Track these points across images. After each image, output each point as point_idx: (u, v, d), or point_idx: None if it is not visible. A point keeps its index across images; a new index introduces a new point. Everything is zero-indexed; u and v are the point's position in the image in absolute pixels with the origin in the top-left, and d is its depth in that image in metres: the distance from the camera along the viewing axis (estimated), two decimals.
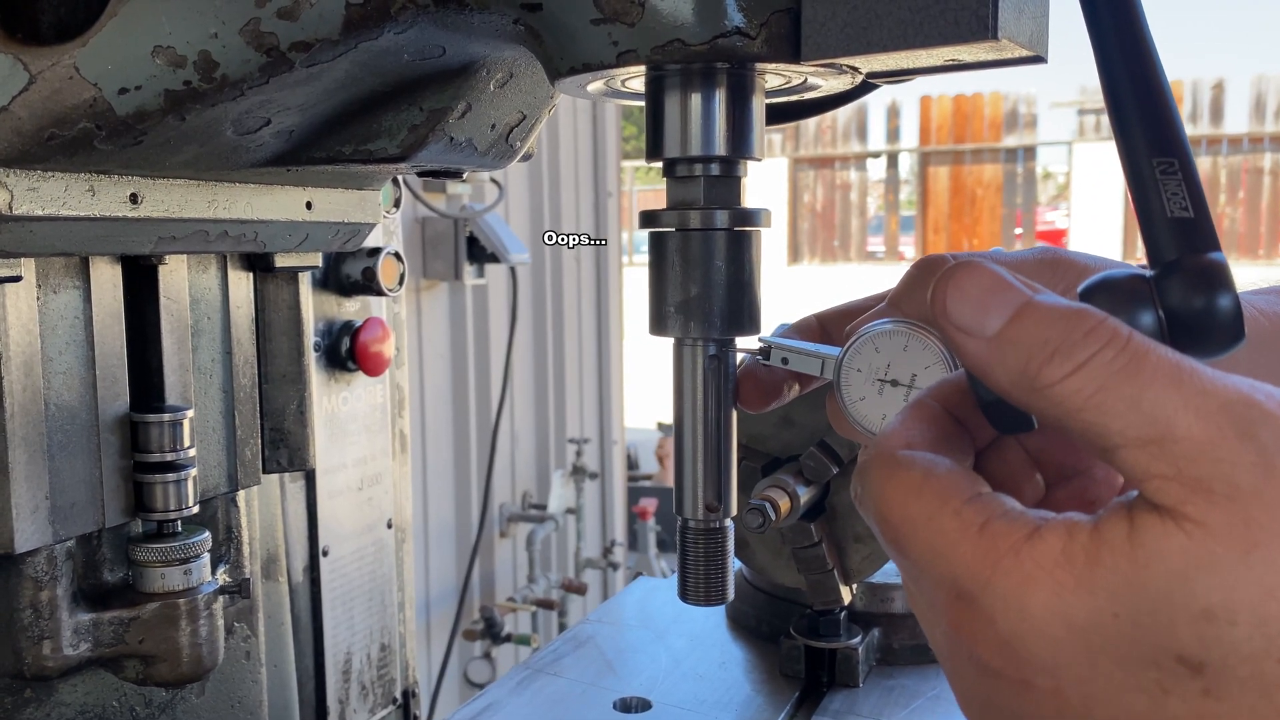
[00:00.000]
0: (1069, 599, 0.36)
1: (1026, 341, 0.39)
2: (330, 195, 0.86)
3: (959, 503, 0.40)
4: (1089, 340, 0.38)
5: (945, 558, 0.39)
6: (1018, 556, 0.37)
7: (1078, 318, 0.38)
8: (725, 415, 0.63)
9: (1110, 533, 0.36)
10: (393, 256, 1.24)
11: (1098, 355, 0.37)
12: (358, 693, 1.29)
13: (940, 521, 0.40)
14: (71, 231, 0.68)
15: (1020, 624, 0.37)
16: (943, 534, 0.39)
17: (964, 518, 0.39)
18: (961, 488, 0.40)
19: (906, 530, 0.41)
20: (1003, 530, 0.38)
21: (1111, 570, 0.36)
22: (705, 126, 0.59)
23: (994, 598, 0.38)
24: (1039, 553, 0.37)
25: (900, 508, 0.41)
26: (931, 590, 0.41)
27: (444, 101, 0.68)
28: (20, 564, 0.74)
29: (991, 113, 19.07)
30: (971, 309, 0.40)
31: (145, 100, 0.59)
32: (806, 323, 0.63)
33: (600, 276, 4.74)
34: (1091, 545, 0.36)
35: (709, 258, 0.60)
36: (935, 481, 0.41)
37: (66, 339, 0.76)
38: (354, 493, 1.28)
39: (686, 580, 0.64)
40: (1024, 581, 0.37)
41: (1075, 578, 0.36)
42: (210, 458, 0.88)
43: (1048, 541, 0.37)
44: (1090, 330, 0.38)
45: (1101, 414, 0.37)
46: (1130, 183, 0.44)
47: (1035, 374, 0.38)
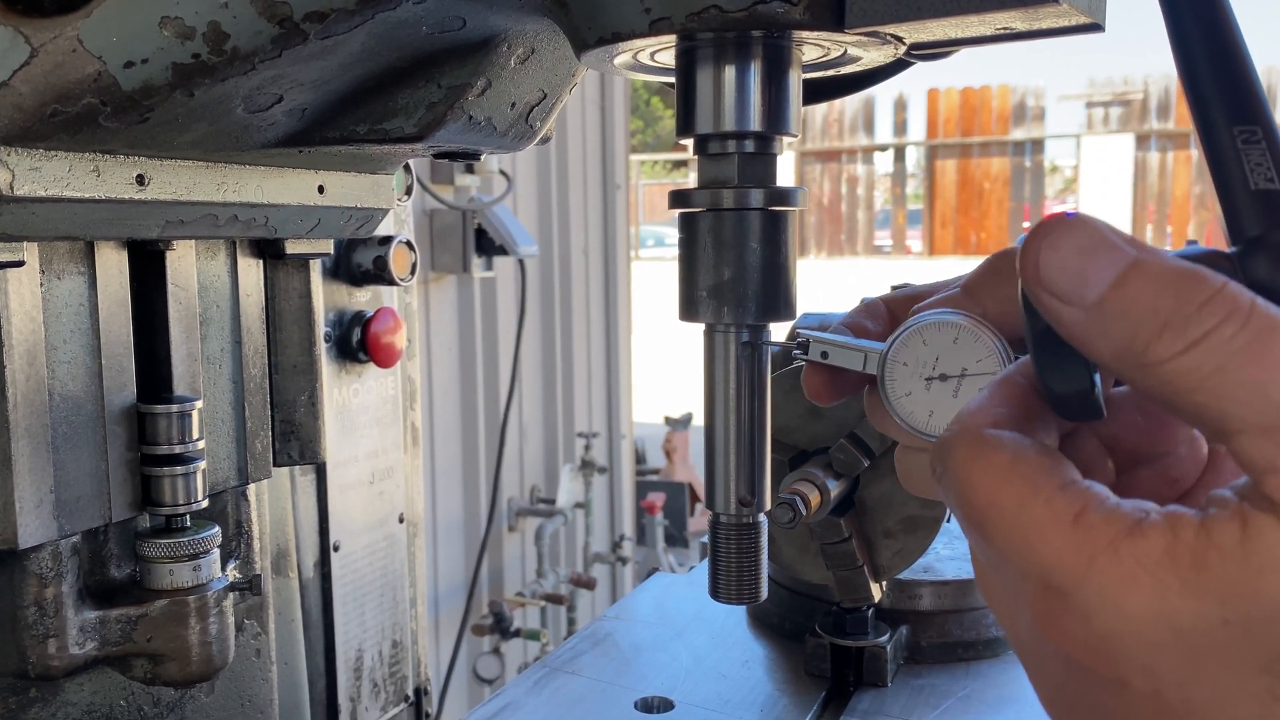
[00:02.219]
0: (1174, 601, 0.34)
1: (1134, 311, 0.35)
2: (343, 179, 0.84)
3: (1051, 490, 0.37)
4: (1206, 312, 0.34)
5: (1035, 549, 0.36)
6: (1116, 553, 0.35)
7: (1193, 283, 0.34)
8: (759, 406, 0.60)
9: (1221, 534, 0.33)
10: (404, 245, 1.21)
11: (1216, 330, 0.34)
12: (369, 690, 1.26)
13: (1031, 510, 0.37)
14: (75, 214, 0.65)
15: (1119, 623, 0.35)
16: (1033, 524, 0.37)
17: (1056, 507, 0.36)
18: (1053, 474, 0.37)
19: (993, 516, 0.38)
20: (1099, 523, 0.35)
21: (1222, 574, 0.33)
22: (740, 101, 0.56)
23: (1090, 594, 0.35)
24: (1141, 551, 0.34)
25: (986, 492, 0.38)
26: (1016, 581, 0.38)
27: (463, 78, 0.65)
28: (24, 560, 0.72)
29: (999, 105, 18.99)
30: (1070, 272, 0.36)
31: (152, 74, 0.56)
32: (874, 307, 0.59)
33: (608, 270, 4.71)
34: (1199, 546, 0.34)
35: (743, 239, 0.57)
36: (1025, 466, 0.38)
37: (71, 327, 0.73)
38: (365, 486, 1.25)
39: (718, 577, 0.61)
40: (1124, 580, 0.34)
41: (1181, 580, 0.34)
42: (219, 450, 0.85)
43: (1150, 539, 0.34)
44: (1208, 299, 0.34)
45: (1219, 397, 0.34)
46: (1208, 153, 0.41)
47: (1143, 349, 0.35)
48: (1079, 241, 0.37)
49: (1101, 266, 0.36)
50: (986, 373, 0.50)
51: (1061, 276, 0.37)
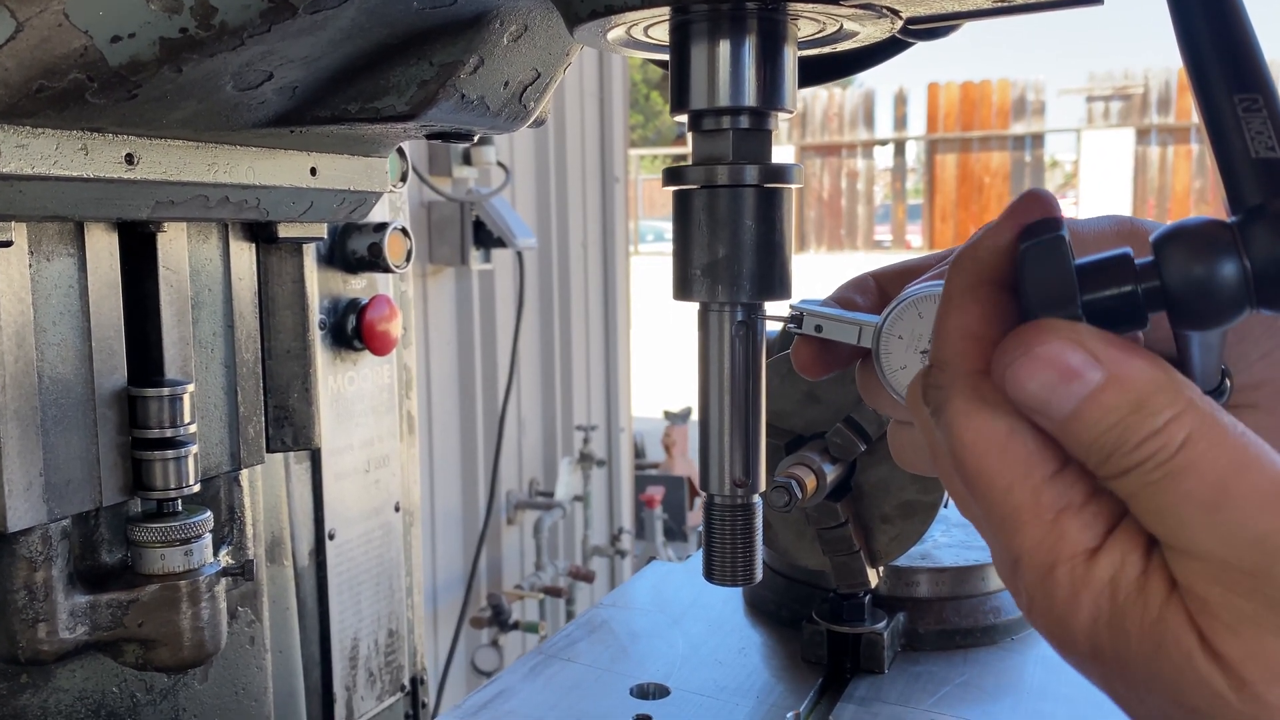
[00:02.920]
0: (1101, 631, 0.38)
1: (1086, 440, 0.39)
2: (335, 161, 0.83)
3: (1039, 479, 0.39)
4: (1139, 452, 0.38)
5: (1011, 533, 0.40)
6: (1072, 570, 0.39)
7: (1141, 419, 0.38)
8: (754, 385, 0.59)
9: (1151, 591, 0.38)
10: (399, 232, 1.20)
11: (1141, 466, 0.38)
12: (365, 679, 1.26)
13: (1017, 496, 0.40)
14: (64, 193, 0.65)
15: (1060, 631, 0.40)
16: (1016, 509, 0.40)
17: (1040, 499, 0.39)
18: (1043, 459, 0.40)
19: (982, 484, 0.40)
20: (1070, 532, 0.39)
21: (1136, 630, 0.38)
22: (734, 75, 0.55)
23: (1046, 594, 0.39)
24: (1091, 576, 0.38)
25: (979, 459, 0.40)
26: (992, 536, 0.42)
27: (455, 55, 0.64)
28: (13, 543, 0.71)
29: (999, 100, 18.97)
30: (1037, 395, 0.39)
31: (139, 49, 0.56)
32: (863, 282, 0.59)
33: (607, 263, 4.70)
34: (1134, 591, 0.38)
35: (738, 216, 0.56)
36: (1018, 444, 0.40)
37: (61, 309, 0.72)
38: (361, 475, 1.25)
39: (713, 559, 0.61)
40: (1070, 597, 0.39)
41: (1111, 613, 0.38)
42: (212, 435, 0.85)
43: (1101, 566, 0.38)
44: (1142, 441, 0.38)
45: (1143, 515, 0.38)
46: (1207, 121, 0.40)
47: (1095, 468, 0.39)
48: (1052, 364, 0.39)
49: (1063, 397, 0.39)
50: None
51: (1031, 398, 0.40)
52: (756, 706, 0.90)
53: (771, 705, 0.90)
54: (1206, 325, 0.40)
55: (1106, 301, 0.40)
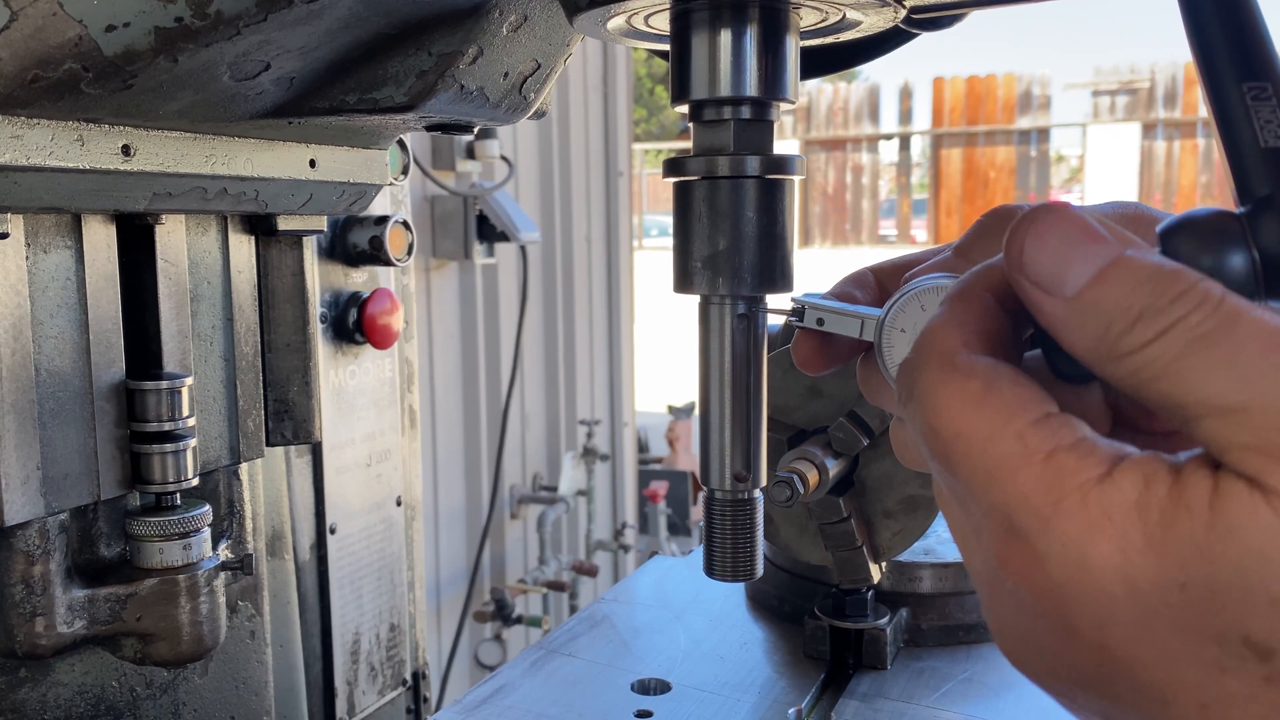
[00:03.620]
0: (1135, 559, 0.33)
1: (1109, 304, 0.35)
2: (335, 153, 0.82)
3: (1023, 423, 0.35)
4: (1178, 304, 0.34)
5: (1001, 485, 0.35)
6: (1084, 499, 0.34)
7: (1169, 278, 0.34)
8: (755, 379, 0.58)
9: (1191, 493, 0.33)
10: (401, 225, 1.20)
11: (1185, 318, 0.34)
12: (366, 674, 1.25)
13: (1000, 443, 0.35)
14: (60, 184, 0.64)
15: (1077, 574, 0.34)
16: (1001, 458, 0.35)
17: (1027, 442, 0.35)
18: (1028, 405, 0.36)
19: (959, 447, 0.36)
20: (1070, 465, 0.34)
21: (1187, 537, 0.32)
22: (736, 65, 0.54)
23: (1051, 540, 0.34)
24: (1109, 499, 0.33)
25: (954, 420, 0.37)
26: (979, 517, 0.37)
27: (454, 45, 0.64)
28: (11, 537, 0.71)
29: (1005, 94, 18.92)
30: (1052, 262, 0.36)
31: (134, 38, 0.55)
32: (861, 276, 0.58)
33: (611, 257, 4.70)
34: (1169, 503, 0.33)
35: (739, 208, 0.56)
36: (998, 395, 0.36)
37: (58, 301, 0.72)
38: (362, 469, 1.25)
39: (713, 554, 0.60)
40: (1088, 529, 0.33)
41: (1145, 537, 0.33)
42: (211, 428, 0.84)
43: (1121, 488, 0.33)
44: (1181, 293, 0.34)
45: (1180, 382, 0.33)
46: (1215, 110, 0.39)
47: (1115, 340, 0.35)
48: (1065, 233, 0.36)
49: (1084, 260, 0.36)
50: None
51: (1044, 267, 0.36)
52: (758, 702, 0.90)
53: (773, 701, 0.90)
54: None
55: None
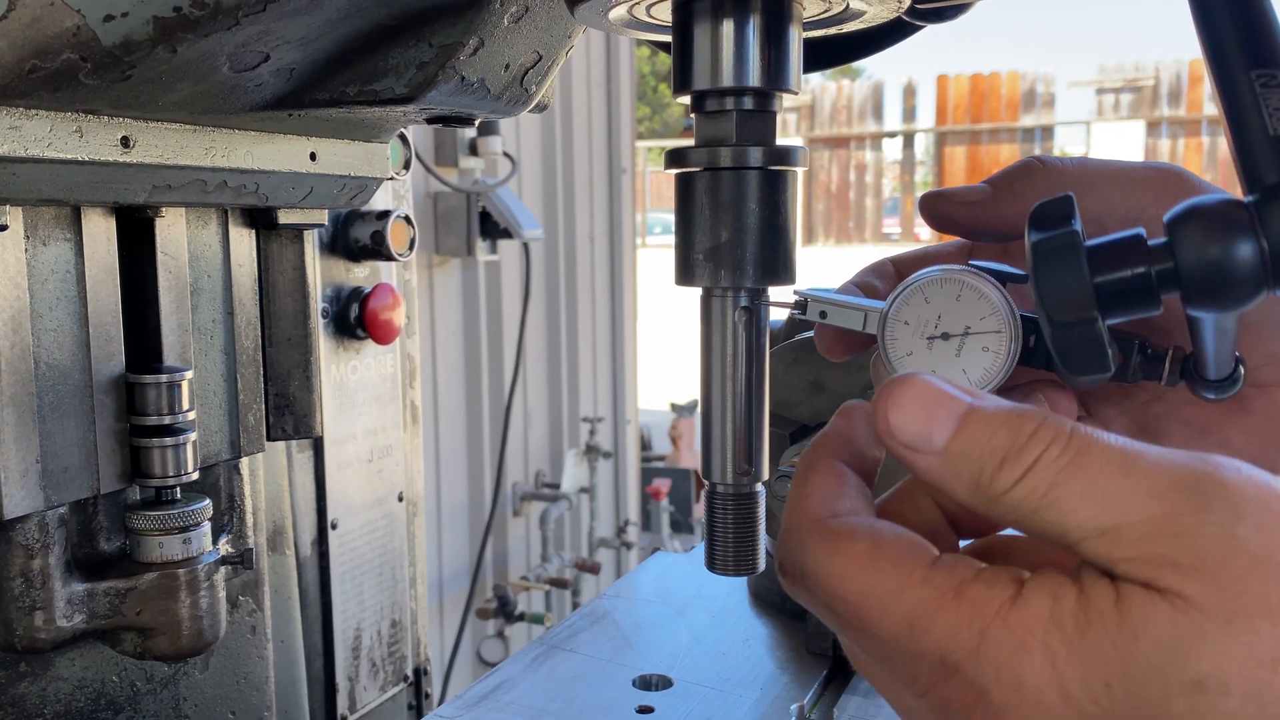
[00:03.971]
0: (1063, 669, 0.35)
1: (975, 452, 0.38)
2: (335, 146, 0.82)
3: (924, 569, 0.38)
4: (1034, 442, 0.37)
5: (925, 630, 0.37)
6: (1005, 622, 0.36)
7: (1020, 421, 0.38)
8: (757, 372, 0.58)
9: (1097, 601, 0.36)
10: (403, 220, 1.19)
11: (1044, 455, 0.37)
12: (368, 670, 1.25)
13: (910, 592, 0.38)
14: (58, 176, 0.64)
15: (1015, 694, 0.36)
16: (917, 605, 0.37)
17: (935, 585, 0.37)
18: (918, 551, 0.39)
19: (873, 607, 0.38)
20: (982, 594, 0.37)
21: (1102, 639, 0.35)
22: (738, 55, 0.54)
23: (985, 666, 0.36)
24: (1027, 618, 0.36)
25: (859, 584, 0.39)
26: (909, 665, 0.39)
27: (455, 36, 0.63)
28: (10, 531, 0.71)
29: (1009, 92, 18.89)
30: (915, 425, 0.40)
31: (132, 28, 0.55)
32: (882, 267, 0.58)
33: (614, 254, 4.69)
34: (1080, 611, 0.36)
35: (741, 200, 0.55)
36: (888, 550, 0.39)
37: (57, 294, 0.72)
38: (364, 464, 1.24)
39: (714, 549, 0.60)
40: (1015, 650, 0.36)
41: (1067, 646, 0.35)
42: (211, 423, 0.84)
43: (1034, 605, 0.36)
44: (1034, 432, 0.37)
45: (1057, 512, 0.37)
46: (1223, 98, 0.39)
47: (989, 484, 0.38)
48: (919, 398, 0.40)
49: (942, 418, 0.39)
50: (990, 330, 0.49)
51: (909, 431, 0.40)
52: (760, 698, 0.89)
53: (776, 697, 0.89)
54: (1222, 307, 0.39)
55: (1119, 283, 0.39)
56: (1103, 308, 0.39)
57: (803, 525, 0.42)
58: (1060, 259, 0.39)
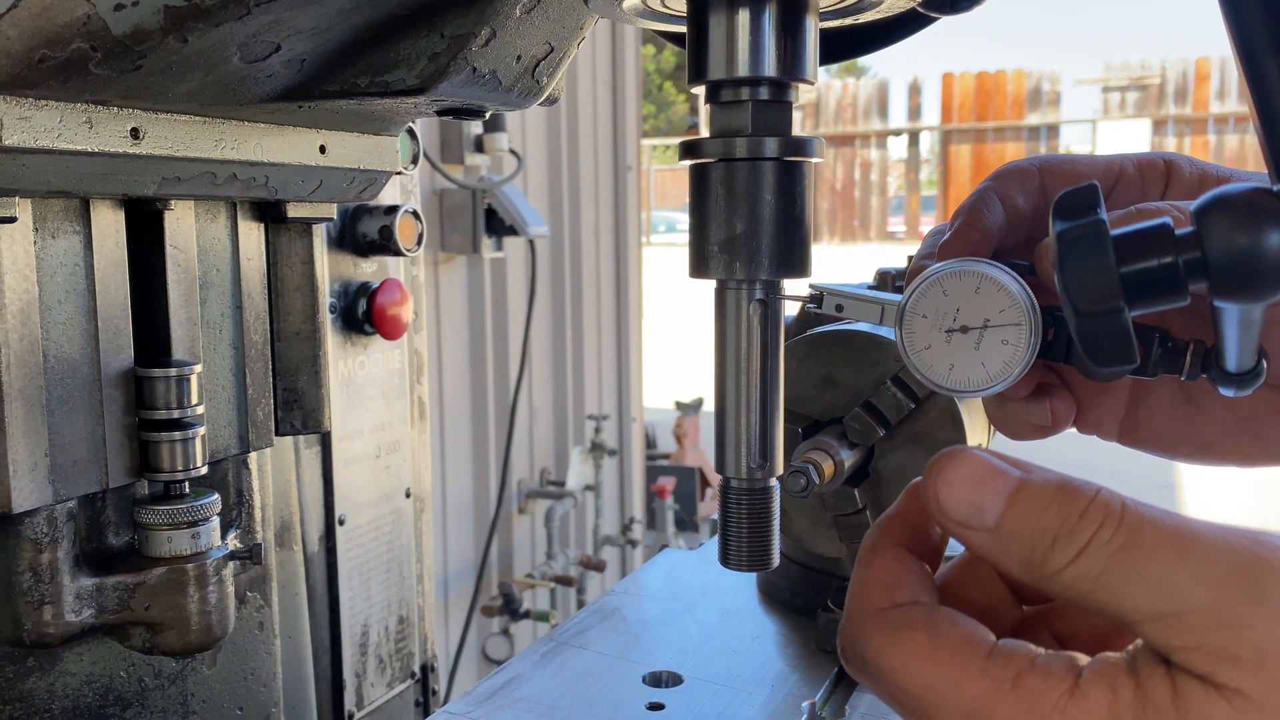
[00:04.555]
0: None
1: (1026, 531, 0.39)
2: (345, 139, 0.81)
3: (981, 660, 0.39)
4: (1085, 522, 0.38)
5: (982, 718, 0.38)
6: (1064, 715, 0.37)
7: (1071, 499, 0.38)
8: (772, 365, 0.58)
9: (1155, 695, 0.36)
10: (410, 215, 1.19)
11: (1096, 536, 0.37)
12: (375, 666, 1.25)
13: (968, 685, 0.38)
14: (68, 167, 0.63)
15: None
16: (976, 699, 0.38)
17: (992, 676, 0.38)
18: (976, 642, 0.39)
19: (932, 699, 0.39)
20: (1039, 687, 0.37)
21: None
22: (754, 45, 0.54)
23: None
24: (1085, 713, 0.36)
25: (918, 675, 0.39)
26: None
27: (466, 27, 0.63)
28: (18, 525, 0.70)
29: (1014, 90, 18.85)
30: (966, 503, 0.40)
31: (143, 17, 0.54)
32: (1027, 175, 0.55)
33: (619, 251, 4.69)
34: (1138, 706, 0.36)
35: (756, 190, 0.55)
36: (947, 641, 0.39)
37: (66, 287, 0.71)
38: (371, 460, 1.24)
39: (728, 544, 0.59)
40: None
41: None
42: (220, 417, 0.84)
43: (1091, 699, 0.36)
44: (1085, 510, 0.38)
45: (1112, 594, 0.37)
46: (1251, 84, 0.38)
47: (1041, 563, 0.38)
48: (969, 474, 0.40)
49: (993, 495, 0.39)
50: (1010, 323, 0.48)
51: (960, 509, 0.40)
52: (771, 695, 0.89)
53: (786, 694, 0.89)
54: (1249, 298, 0.38)
55: (1145, 274, 0.39)
56: (1129, 298, 0.39)
57: (864, 614, 0.42)
58: (1086, 248, 0.39)
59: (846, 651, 0.43)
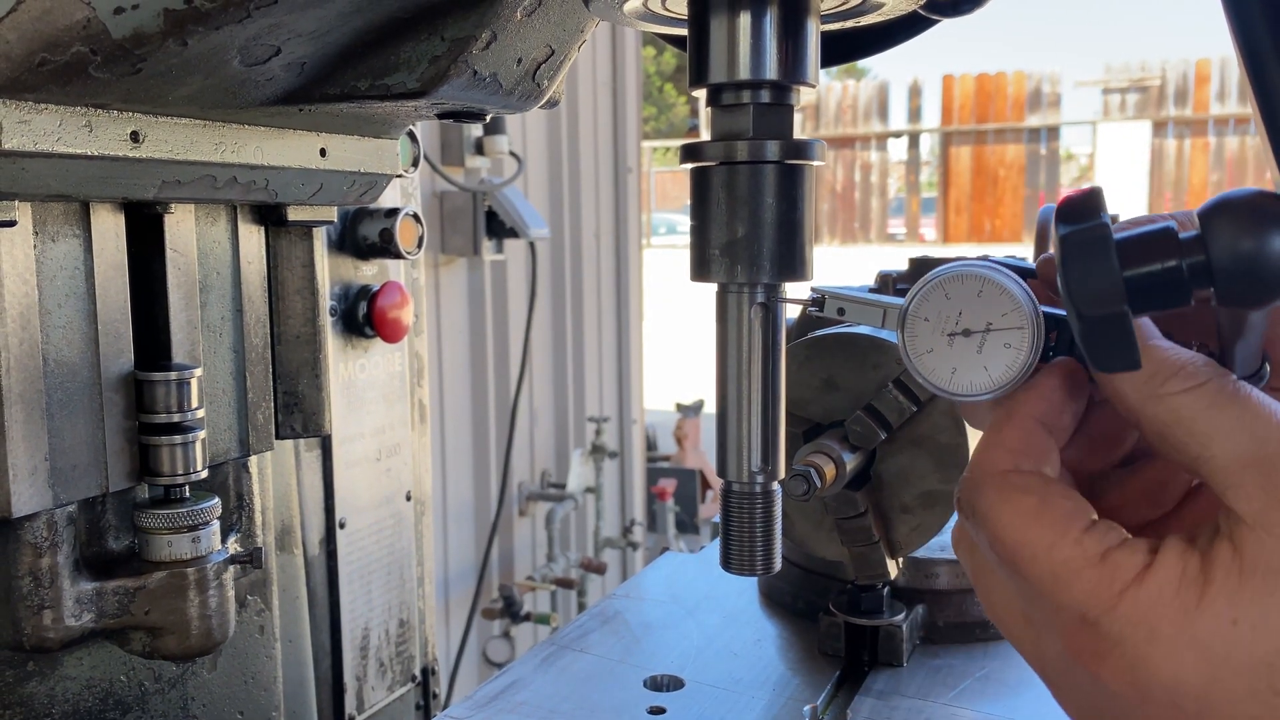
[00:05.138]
0: (1193, 616, 0.40)
1: (1154, 359, 0.43)
2: (345, 142, 0.81)
3: (1078, 531, 0.43)
4: (1203, 370, 0.43)
5: (1068, 585, 0.43)
6: (1143, 584, 0.41)
7: (1195, 358, 0.43)
8: (774, 369, 0.57)
9: (1218, 553, 0.41)
10: (411, 218, 1.19)
11: (1211, 380, 0.42)
12: (376, 669, 1.25)
13: (1062, 550, 0.43)
14: (68, 171, 0.63)
15: (1148, 646, 0.41)
16: (1065, 562, 0.43)
17: (1084, 546, 0.43)
18: (1077, 515, 0.44)
19: (1026, 554, 0.44)
20: (1123, 560, 0.42)
21: (1224, 584, 0.40)
22: (755, 48, 0.53)
23: (1122, 622, 0.41)
24: (1161, 579, 0.41)
25: (1019, 531, 0.44)
26: (1050, 613, 0.44)
27: (467, 30, 0.63)
28: (18, 529, 0.70)
29: (1015, 92, 18.85)
30: None
31: (143, 21, 0.54)
32: None
33: (620, 253, 4.68)
34: (1205, 566, 0.41)
35: (758, 194, 0.55)
36: (1052, 508, 0.44)
37: (66, 291, 0.71)
38: (372, 463, 1.24)
39: (730, 548, 0.59)
40: (1152, 606, 0.41)
41: (1197, 596, 0.41)
42: (220, 421, 0.83)
43: (1166, 568, 0.41)
44: (1205, 363, 0.43)
45: (1211, 425, 0.42)
46: (1256, 89, 0.38)
47: (1160, 384, 0.43)
48: None
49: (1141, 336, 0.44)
50: (1013, 327, 0.48)
51: None
52: (773, 699, 0.88)
53: (788, 698, 0.89)
54: (1254, 302, 0.38)
55: (1149, 277, 0.39)
56: (1133, 301, 0.39)
57: (984, 471, 0.47)
58: (1090, 252, 0.39)
59: (962, 501, 0.48)
